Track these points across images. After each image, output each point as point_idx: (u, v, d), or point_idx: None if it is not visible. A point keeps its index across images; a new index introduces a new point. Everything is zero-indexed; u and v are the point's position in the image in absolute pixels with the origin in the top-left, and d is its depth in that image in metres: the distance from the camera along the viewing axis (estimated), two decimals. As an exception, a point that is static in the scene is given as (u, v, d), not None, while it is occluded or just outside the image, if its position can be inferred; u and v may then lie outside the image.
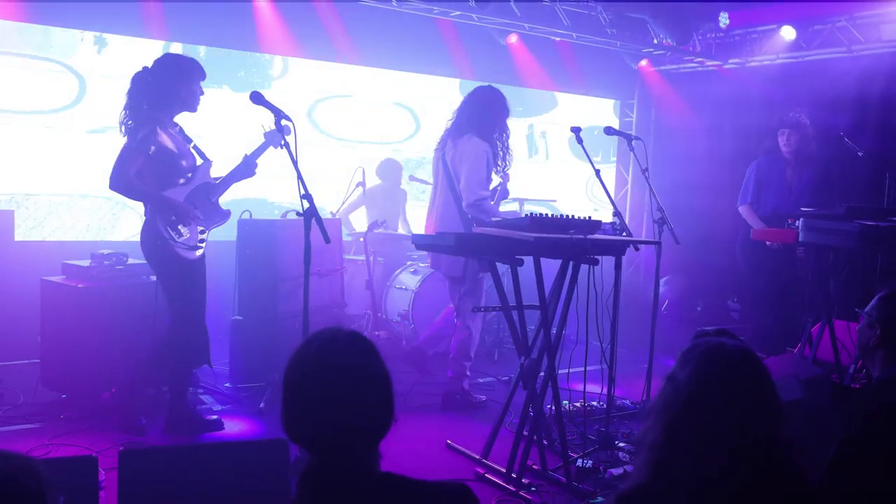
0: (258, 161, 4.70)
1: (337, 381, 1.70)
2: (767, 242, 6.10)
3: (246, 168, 4.67)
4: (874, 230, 4.67)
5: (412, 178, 7.41)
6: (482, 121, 5.24)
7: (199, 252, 4.53)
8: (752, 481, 1.72)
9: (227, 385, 5.54)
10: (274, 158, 4.52)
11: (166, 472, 2.95)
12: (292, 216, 5.80)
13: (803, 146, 6.21)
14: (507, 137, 5.35)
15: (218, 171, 4.69)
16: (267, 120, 4.31)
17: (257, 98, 4.04)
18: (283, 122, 3.99)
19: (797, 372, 4.43)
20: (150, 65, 4.44)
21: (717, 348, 1.81)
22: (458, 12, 7.21)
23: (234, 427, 4.78)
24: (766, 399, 1.77)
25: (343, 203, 6.93)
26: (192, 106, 4.52)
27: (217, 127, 6.17)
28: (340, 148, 7.73)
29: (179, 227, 4.42)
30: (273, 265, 5.53)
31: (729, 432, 1.72)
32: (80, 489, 2.89)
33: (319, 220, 3.88)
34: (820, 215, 5.05)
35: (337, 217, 6.68)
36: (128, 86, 4.41)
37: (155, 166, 4.35)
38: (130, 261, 5.02)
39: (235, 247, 5.70)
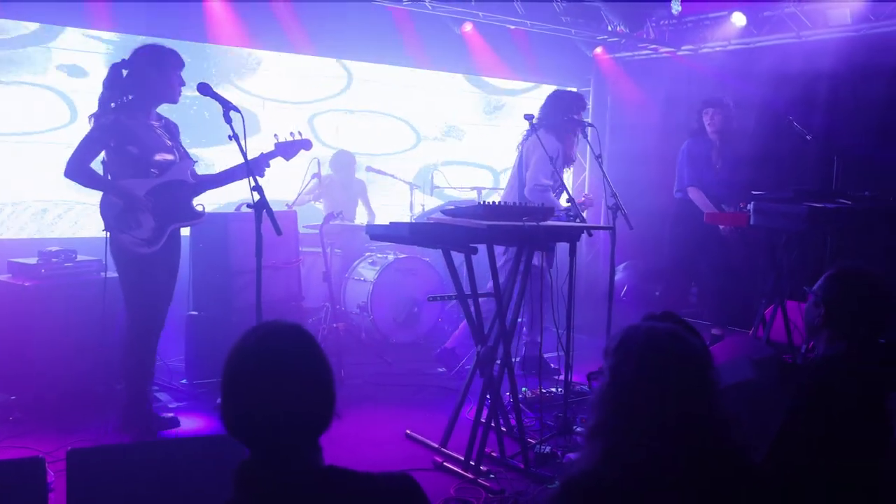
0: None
1: (273, 374, 1.67)
2: (721, 227, 6.18)
3: (228, 176, 4.57)
4: (822, 212, 4.75)
5: (369, 169, 7.38)
6: (556, 120, 5.67)
7: (155, 247, 4.35)
8: (693, 459, 1.74)
9: (184, 381, 5.47)
10: (228, 152, 4.47)
11: (116, 470, 2.90)
12: (245, 209, 5.76)
13: (726, 125, 6.39)
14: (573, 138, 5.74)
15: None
16: (282, 131, 4.39)
17: (205, 89, 3.98)
18: (232, 112, 3.93)
19: (750, 353, 4.49)
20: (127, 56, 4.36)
21: (648, 332, 1.85)
22: (410, 0, 7.18)
23: (190, 424, 4.73)
24: (697, 376, 1.80)
25: (298, 195, 6.88)
26: (171, 97, 4.43)
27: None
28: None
29: (128, 217, 4.27)
30: (227, 259, 5.47)
31: (665, 412, 1.75)
32: (28, 491, 2.84)
33: (270, 212, 3.84)
34: (770, 198, 5.12)
35: (293, 209, 6.62)
36: (104, 76, 4.35)
37: (119, 157, 4.28)
38: (79, 257, 4.94)
39: (189, 241, 5.62)
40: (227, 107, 3.98)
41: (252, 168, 4.26)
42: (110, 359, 4.53)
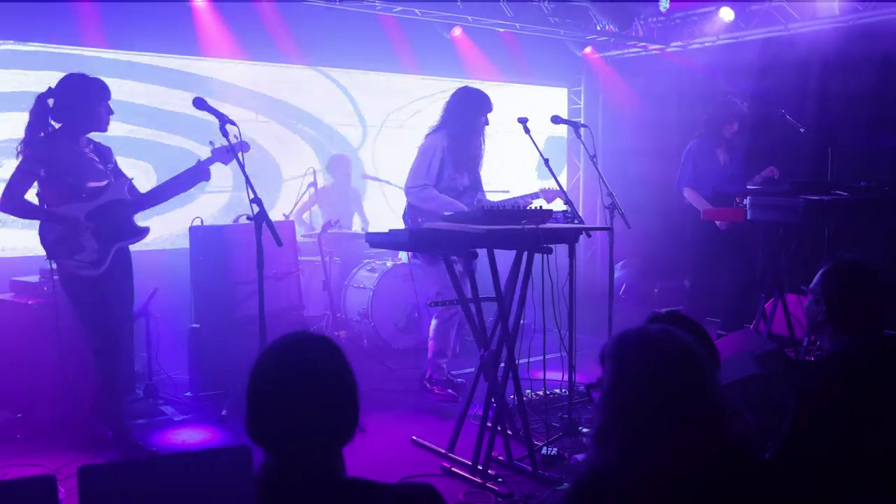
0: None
1: (300, 384, 1.69)
2: (717, 222, 6.20)
3: (165, 190, 4.47)
4: (819, 204, 4.78)
5: (364, 176, 7.40)
6: (443, 118, 5.43)
7: (101, 269, 4.27)
8: (700, 454, 1.76)
9: (188, 394, 5.47)
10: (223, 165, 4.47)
11: (129, 486, 2.89)
12: (244, 221, 5.77)
13: (744, 133, 6.39)
14: (472, 133, 5.39)
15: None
16: (217, 136, 4.19)
17: (200, 104, 4.00)
18: (228, 126, 3.95)
19: (752, 348, 4.51)
20: (54, 85, 4.30)
21: (640, 333, 1.89)
22: (400, 7, 7.21)
23: (196, 436, 4.74)
24: (692, 372, 1.83)
25: (295, 204, 6.89)
26: (99, 125, 4.36)
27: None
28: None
29: (69, 242, 4.21)
30: (227, 271, 5.48)
31: (667, 409, 1.77)
32: (40, 510, 2.85)
33: (270, 224, 3.85)
34: (766, 192, 5.16)
35: (290, 219, 6.63)
36: (31, 105, 4.29)
37: (53, 186, 4.22)
38: (80, 275, 4.93)
39: (189, 254, 5.63)
40: (223, 120, 3.99)
41: (196, 176, 4.40)
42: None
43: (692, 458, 1.75)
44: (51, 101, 4.27)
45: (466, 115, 5.36)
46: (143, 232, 4.51)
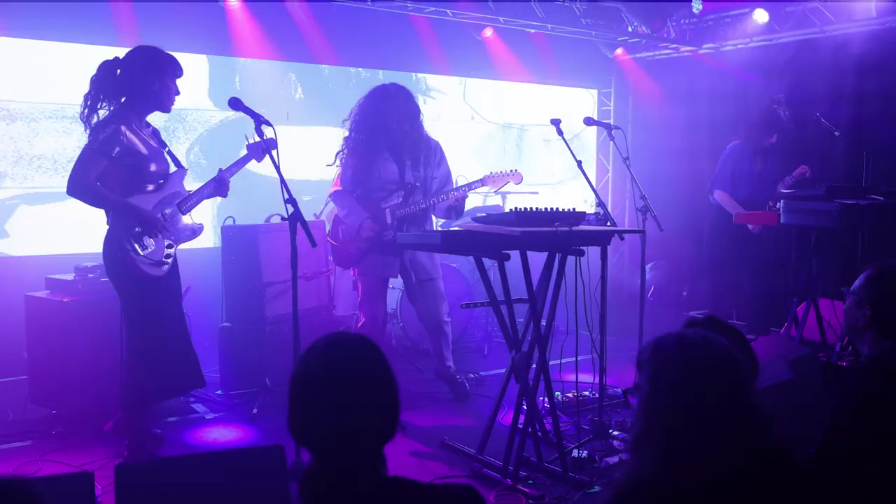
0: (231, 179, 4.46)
1: (344, 383, 1.71)
2: (749, 226, 6.15)
3: (219, 184, 4.38)
4: (854, 209, 4.72)
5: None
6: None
7: (164, 268, 4.16)
8: (741, 458, 1.76)
9: (219, 392, 5.52)
10: (255, 164, 4.49)
11: (163, 484, 2.94)
12: (276, 220, 5.81)
13: (783, 142, 6.31)
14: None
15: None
16: (251, 131, 4.09)
17: (236, 104, 4.02)
18: (264, 126, 3.97)
19: (785, 353, 4.47)
20: (122, 55, 4.07)
21: (678, 338, 1.88)
22: (432, 8, 7.21)
23: (228, 434, 4.77)
24: (731, 376, 1.82)
25: (326, 205, 6.91)
26: (165, 105, 4.16)
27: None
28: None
29: (144, 238, 4.07)
30: (258, 270, 5.51)
31: (707, 414, 1.77)
32: (77, 505, 2.88)
33: (305, 224, 3.87)
34: (800, 196, 5.10)
35: (321, 219, 6.65)
36: (93, 73, 4.06)
37: (119, 170, 4.00)
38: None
39: (220, 253, 5.68)
40: (259, 121, 4.01)
41: (219, 187, 4.35)
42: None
43: (734, 464, 1.75)
44: (118, 71, 4.07)
45: (368, 111, 5.29)
46: (199, 230, 4.42)
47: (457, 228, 4.37)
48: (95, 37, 6.28)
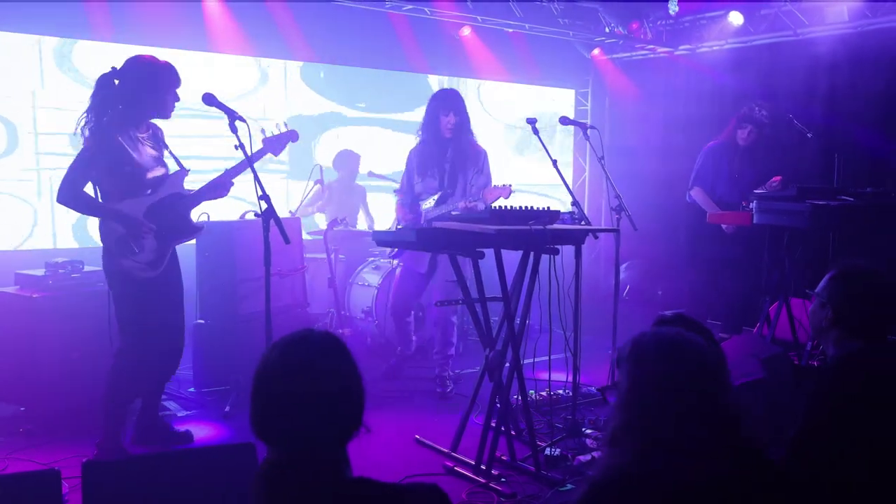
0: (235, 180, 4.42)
1: (304, 381, 1.70)
2: (723, 226, 6.19)
3: (220, 186, 4.38)
4: (825, 209, 4.78)
5: (371, 174, 7.39)
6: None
7: (159, 269, 4.18)
8: (716, 454, 1.78)
9: (191, 390, 5.48)
10: (230, 159, 4.45)
11: (132, 482, 2.91)
12: (250, 217, 5.77)
13: (759, 141, 6.33)
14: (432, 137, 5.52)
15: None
16: (268, 124, 4.14)
17: (210, 99, 3.98)
18: (237, 122, 3.93)
19: (757, 352, 4.51)
20: (119, 66, 4.12)
21: (656, 336, 1.92)
22: (410, 6, 7.20)
23: (200, 432, 4.73)
24: (708, 374, 1.85)
25: (301, 201, 6.89)
26: (164, 113, 4.21)
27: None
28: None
29: (131, 242, 4.09)
30: (233, 267, 5.47)
31: (683, 411, 1.80)
32: None
33: (278, 221, 3.84)
34: (773, 197, 5.15)
35: (296, 216, 6.63)
36: (92, 90, 4.10)
37: (112, 178, 4.06)
38: (86, 268, 4.93)
39: (195, 250, 5.63)
40: (233, 116, 3.97)
41: (220, 187, 4.34)
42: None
43: (708, 460, 1.76)
44: (116, 82, 4.08)
45: (426, 119, 5.54)
46: (199, 229, 4.43)
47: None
48: (72, 31, 6.24)
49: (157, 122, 4.34)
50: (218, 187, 4.39)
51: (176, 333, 4.39)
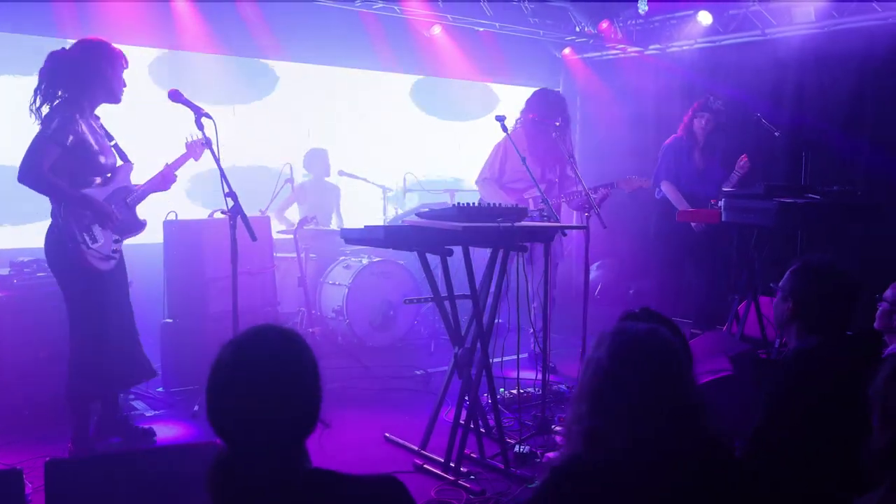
0: (176, 173, 4.48)
1: (255, 374, 1.69)
2: (692, 224, 6.23)
3: (164, 180, 4.41)
4: (793, 207, 4.81)
5: (342, 173, 7.37)
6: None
7: (112, 262, 4.15)
8: (672, 444, 1.80)
9: (160, 389, 5.43)
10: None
11: (96, 481, 2.88)
12: (219, 215, 5.73)
13: (716, 131, 6.42)
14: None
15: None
16: (193, 130, 4.12)
17: (176, 96, 3.96)
18: (204, 119, 3.91)
19: (725, 349, 4.54)
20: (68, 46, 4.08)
21: (619, 326, 1.95)
22: (380, 4, 7.20)
23: (168, 432, 4.69)
24: (669, 364, 1.87)
25: (272, 200, 6.85)
26: (116, 95, 4.14)
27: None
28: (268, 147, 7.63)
29: (95, 231, 4.04)
30: (201, 266, 5.44)
31: (641, 399, 1.82)
32: (6, 503, 2.81)
33: (245, 218, 3.83)
34: (740, 195, 5.18)
35: (266, 215, 6.59)
36: (42, 64, 4.02)
37: (71, 160, 3.96)
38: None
39: (162, 248, 5.59)
40: (199, 113, 3.95)
41: (168, 179, 4.40)
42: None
43: (665, 449, 1.77)
44: (68, 61, 4.02)
45: (537, 115, 5.79)
46: (143, 225, 4.40)
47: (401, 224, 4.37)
48: (37, 27, 6.17)
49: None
50: (162, 181, 4.42)
51: (128, 335, 4.34)
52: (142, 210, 4.44)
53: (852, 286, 2.71)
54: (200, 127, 3.92)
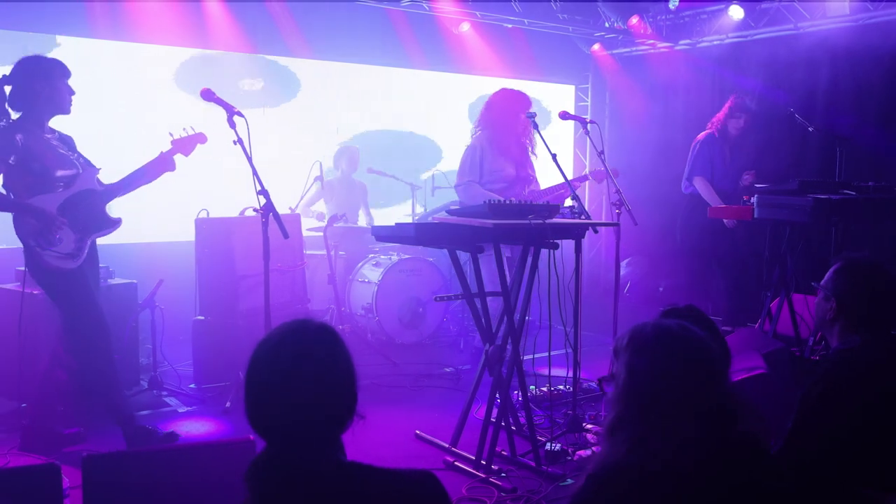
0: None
1: (295, 369, 1.70)
2: (725, 220, 6.18)
3: (162, 162, 4.42)
4: (827, 203, 4.74)
5: (370, 171, 7.38)
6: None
7: (79, 260, 4.23)
8: (713, 445, 1.78)
9: (192, 386, 5.48)
10: (229, 155, 4.45)
11: (132, 476, 2.91)
12: (250, 213, 5.77)
13: (747, 130, 6.39)
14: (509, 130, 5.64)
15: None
16: (175, 128, 4.24)
17: (208, 95, 3.99)
18: (235, 117, 3.94)
19: (759, 346, 4.50)
20: (8, 72, 4.19)
21: (655, 327, 1.92)
22: (408, 2, 7.19)
23: (200, 428, 4.74)
24: (706, 366, 1.86)
25: (301, 198, 6.88)
26: (62, 107, 4.25)
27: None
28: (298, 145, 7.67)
29: (47, 235, 4.11)
30: (232, 263, 5.47)
31: (682, 401, 1.80)
32: (44, 498, 2.85)
33: (277, 216, 3.84)
34: (774, 191, 5.12)
35: (296, 212, 6.63)
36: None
37: (22, 175, 4.10)
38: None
39: (194, 246, 5.64)
40: (231, 111, 3.98)
41: (160, 166, 4.38)
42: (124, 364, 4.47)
43: (706, 450, 1.76)
44: (8, 89, 4.15)
45: (503, 114, 5.62)
46: (117, 223, 4.46)
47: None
48: (77, 29, 6.24)
49: (68, 131, 4.43)
50: (129, 184, 4.42)
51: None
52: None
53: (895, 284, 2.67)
54: (232, 125, 3.94)
